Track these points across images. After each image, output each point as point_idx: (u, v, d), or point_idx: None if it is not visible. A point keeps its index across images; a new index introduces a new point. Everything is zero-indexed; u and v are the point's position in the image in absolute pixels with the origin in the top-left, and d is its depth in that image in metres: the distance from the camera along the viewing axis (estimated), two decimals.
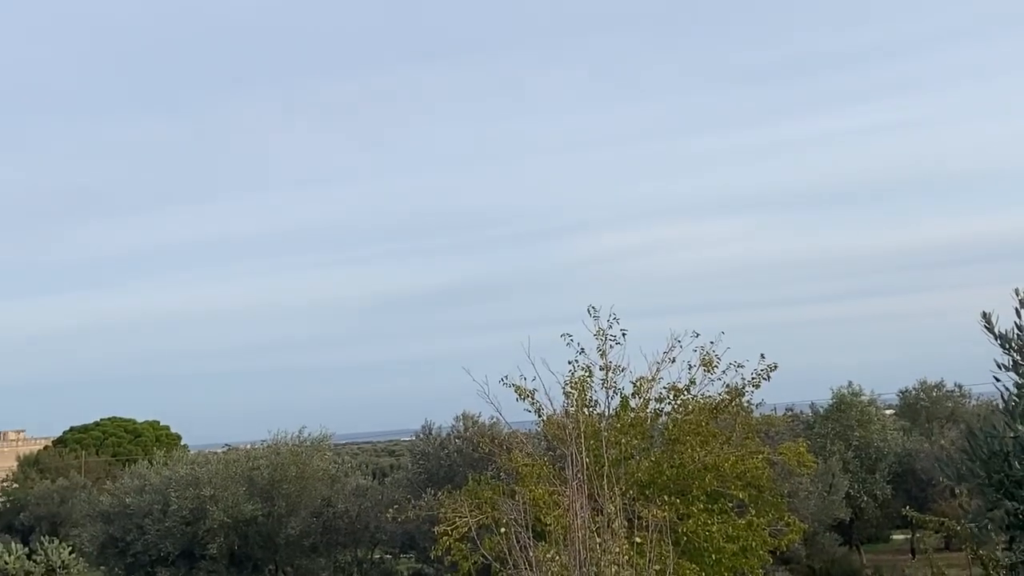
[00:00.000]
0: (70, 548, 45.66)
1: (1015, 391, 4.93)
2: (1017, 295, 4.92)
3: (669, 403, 25.29)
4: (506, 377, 21.77)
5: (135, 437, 64.77)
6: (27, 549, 52.30)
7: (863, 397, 38.61)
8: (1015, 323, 4.87)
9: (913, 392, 42.55)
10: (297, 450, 33.72)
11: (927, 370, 46.86)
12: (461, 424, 32.09)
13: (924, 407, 41.41)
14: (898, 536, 38.61)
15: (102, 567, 34.47)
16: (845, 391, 38.18)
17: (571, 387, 22.62)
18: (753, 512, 23.95)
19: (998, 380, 5.05)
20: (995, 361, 5.02)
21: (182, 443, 58.42)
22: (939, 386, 41.27)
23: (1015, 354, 4.87)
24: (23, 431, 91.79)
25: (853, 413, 37.37)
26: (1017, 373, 4.89)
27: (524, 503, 12.41)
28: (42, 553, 50.78)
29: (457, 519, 21.10)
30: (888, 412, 40.49)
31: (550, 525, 13.80)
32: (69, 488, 52.23)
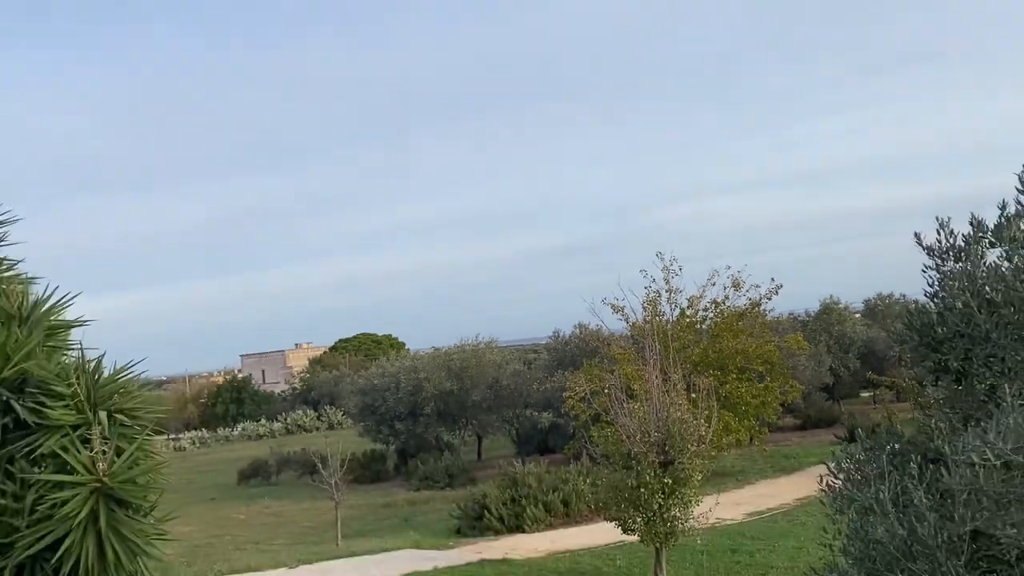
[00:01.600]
0: (342, 412, 55.66)
1: (936, 282, 5.60)
2: (938, 222, 5.48)
3: (711, 312, 32.25)
4: (605, 299, 29.35)
5: (377, 344, 75.71)
6: (316, 413, 64.57)
7: (840, 305, 43.61)
8: (936, 238, 5.49)
9: (873, 300, 47.08)
10: (476, 348, 40.59)
11: (882, 285, 51.16)
12: (578, 329, 38.19)
13: (880, 310, 45.59)
14: (864, 394, 44.08)
15: (361, 423, 41.88)
16: (828, 301, 43.38)
17: (647, 303, 29.54)
18: (768, 379, 30.73)
19: (924, 272, 5.74)
20: (923, 264, 5.70)
21: (406, 347, 68.57)
22: (890, 296, 45.79)
23: (936, 258, 5.56)
24: (311, 342, 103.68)
25: (833, 315, 42.35)
26: (936, 271, 5.59)
27: (619, 376, 17.87)
28: (325, 416, 62.60)
29: (577, 387, 26.74)
30: (856, 315, 45.25)
31: (636, 389, 17.43)
32: (339, 376, 60.68)
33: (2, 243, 8.17)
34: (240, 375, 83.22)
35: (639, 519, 14.72)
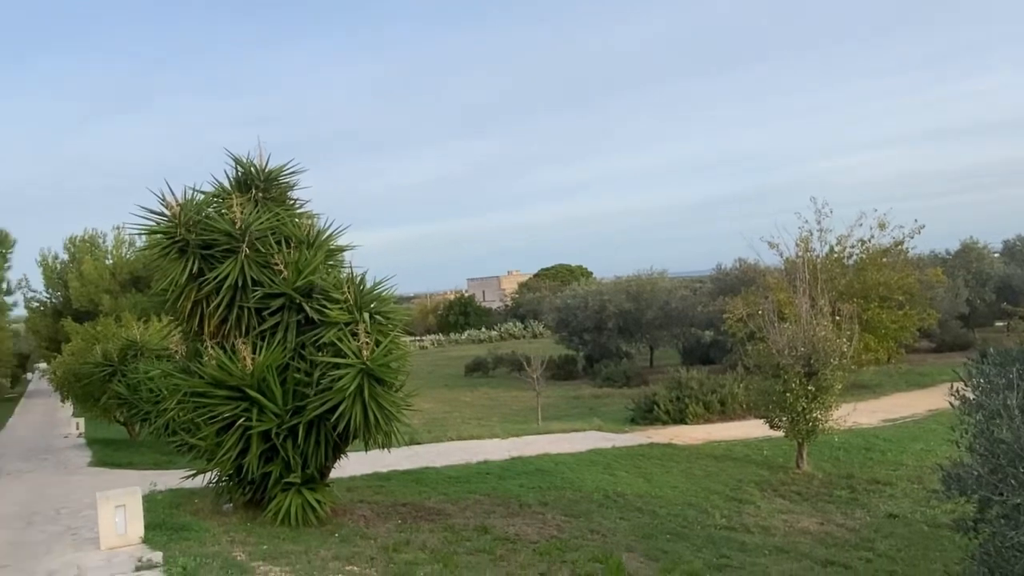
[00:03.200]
0: (542, 324, 57.84)
1: None
2: None
3: (858, 249, 30.96)
4: (762, 238, 29.62)
5: (570, 272, 76.73)
6: (522, 325, 66.85)
7: (979, 244, 39.30)
8: None
9: (1012, 240, 41.73)
10: (651, 277, 40.84)
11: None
12: (738, 263, 37.23)
13: (1019, 249, 40.35)
14: (999, 324, 39.64)
15: (557, 333, 43.22)
16: (968, 241, 39.31)
17: (800, 241, 29.01)
18: (907, 307, 29.32)
19: None
20: None
21: (593, 275, 69.09)
22: None
23: None
24: (519, 270, 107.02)
25: (972, 254, 38.41)
26: None
27: (772, 302, 17.56)
28: (529, 327, 64.76)
29: (735, 310, 26.79)
30: (995, 255, 40.72)
31: (786, 313, 17.20)
32: (541, 297, 61.90)
33: (295, 188, 8.94)
34: (466, 294, 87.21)
35: (784, 418, 14.83)
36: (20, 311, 38.91)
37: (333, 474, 10.82)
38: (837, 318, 16.08)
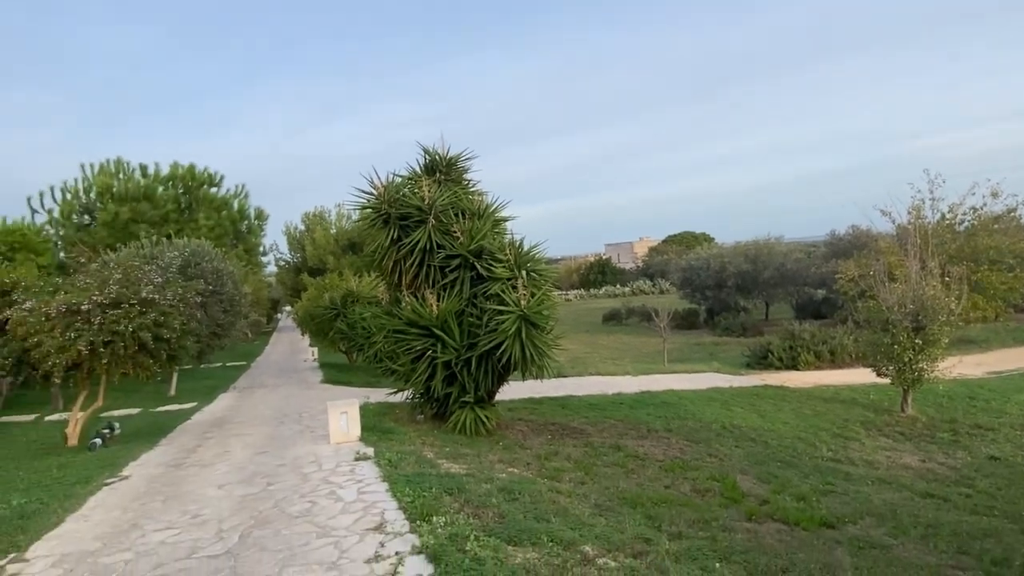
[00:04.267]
0: (668, 282, 56.08)
1: None
2: None
3: (969, 215, 28.22)
4: (875, 206, 27.65)
5: (694, 237, 73.56)
6: (651, 282, 65.18)
7: None
8: None
9: None
10: (767, 242, 38.56)
11: None
12: (851, 229, 34.92)
13: None
14: None
15: (681, 290, 41.71)
16: None
17: (912, 209, 26.89)
18: (1018, 270, 26.55)
19: None
20: None
21: (714, 240, 65.70)
22: None
23: None
24: (649, 236, 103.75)
25: None
26: None
27: (883, 264, 16.23)
28: (657, 284, 62.99)
29: (848, 271, 25.16)
30: None
31: (897, 275, 16.01)
32: (667, 259, 59.48)
33: (468, 171, 9.16)
34: (603, 257, 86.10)
35: (891, 367, 13.77)
36: (271, 268, 42.66)
37: (497, 397, 11.24)
38: (947, 279, 14.73)
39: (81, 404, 10.43)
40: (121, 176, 27.36)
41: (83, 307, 9.30)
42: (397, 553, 4.68)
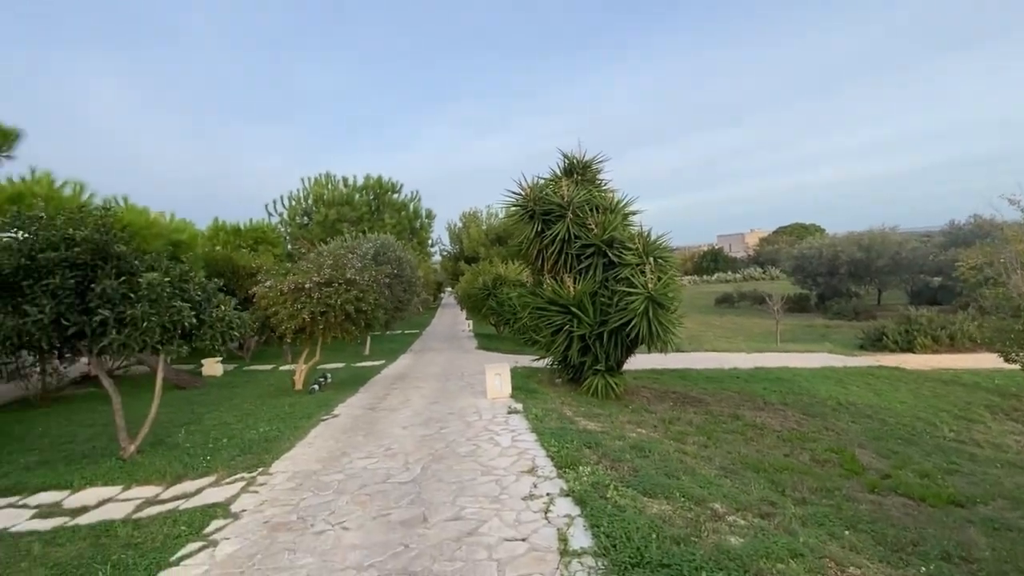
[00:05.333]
0: (778, 269, 50.92)
1: None
2: None
3: None
4: (1002, 195, 23.29)
5: (805, 228, 66.62)
6: (762, 270, 60.11)
7: None
8: None
9: None
10: (882, 231, 34.13)
11: None
12: (973, 219, 30.45)
13: None
14: None
15: (792, 276, 37.67)
16: None
17: None
18: None
19: None
20: None
21: (825, 231, 58.90)
22: None
23: None
24: (760, 227, 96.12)
25: None
26: None
27: (1012, 252, 14.01)
28: (767, 271, 57.82)
29: (970, 260, 21.56)
30: None
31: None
32: (778, 248, 53.69)
33: (601, 172, 8.75)
34: (715, 247, 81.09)
35: (1022, 354, 11.50)
36: (437, 257, 44.75)
37: (624, 367, 10.93)
38: None
39: (304, 358, 11.54)
40: (329, 186, 29.96)
41: (306, 286, 10.24)
42: (548, 494, 4.64)
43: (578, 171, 10.93)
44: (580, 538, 3.83)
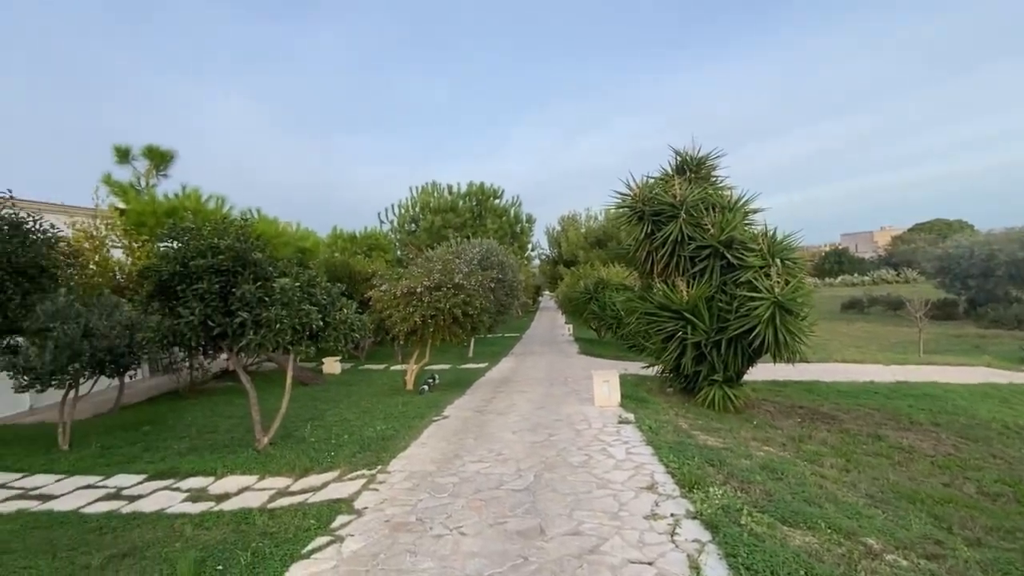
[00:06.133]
0: (916, 271, 45.87)
1: None
2: None
3: None
4: None
5: (948, 226, 58.40)
6: (895, 272, 53.94)
7: None
8: None
9: None
10: None
11: None
12: None
13: None
14: None
15: (935, 279, 33.86)
16: None
17: None
18: None
19: None
20: None
21: (974, 227, 51.44)
22: None
23: None
24: (891, 225, 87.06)
25: None
26: None
27: None
28: (903, 273, 51.80)
29: None
30: None
31: None
32: (916, 247, 48.14)
33: (717, 168, 8.18)
34: (839, 247, 74.22)
35: None
36: (536, 262, 44.94)
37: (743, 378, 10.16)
38: None
39: (415, 359, 11.96)
40: (435, 194, 31.16)
41: (417, 290, 10.60)
42: (672, 515, 4.33)
43: (691, 168, 10.37)
44: (715, 568, 3.50)
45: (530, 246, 35.80)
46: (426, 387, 11.48)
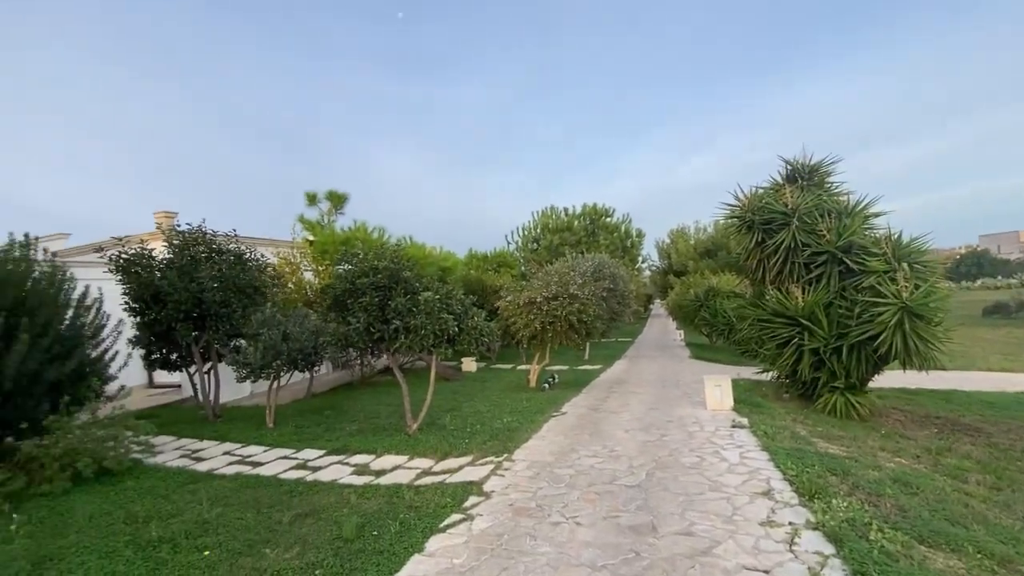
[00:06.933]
0: None
1: None
2: None
3: None
4: None
5: None
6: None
7: None
8: None
9: None
10: None
11: None
12: None
13: None
14: None
15: None
16: None
17: None
18: None
19: None
20: None
21: None
22: None
23: None
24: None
25: None
26: None
27: None
28: None
29: None
30: None
31: None
32: None
33: (831, 175, 7.19)
34: (978, 248, 61.97)
35: None
36: (646, 273, 43.28)
37: (867, 385, 8.75)
38: None
39: (536, 360, 12.01)
40: (553, 216, 31.40)
41: (537, 300, 10.65)
42: (791, 524, 3.79)
43: (802, 176, 9.26)
44: None
45: (640, 258, 34.55)
46: (547, 385, 11.44)
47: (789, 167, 9.40)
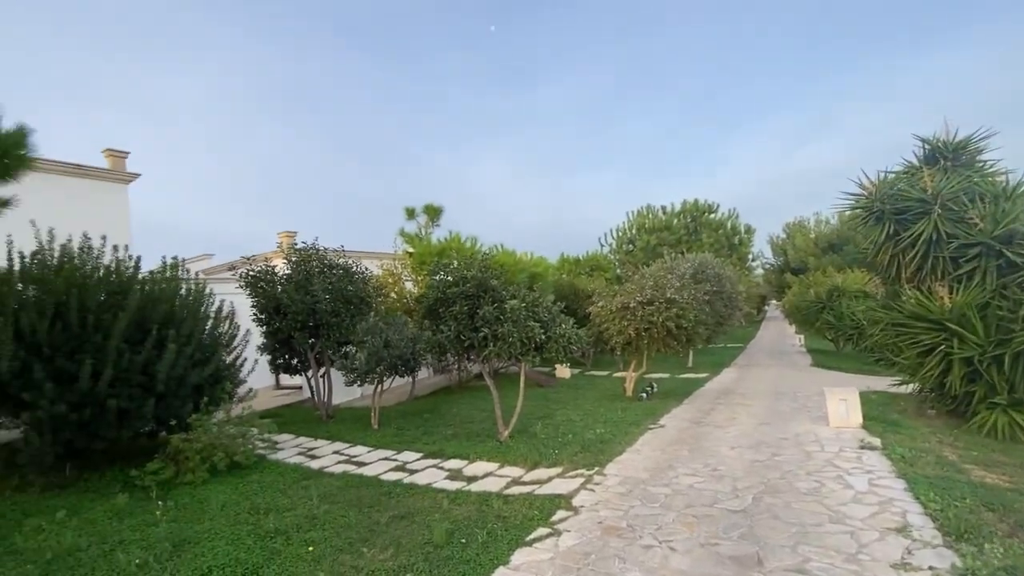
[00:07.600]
0: None
1: None
2: None
3: None
4: None
5: None
6: None
7: None
8: None
9: None
10: None
11: None
12: None
13: None
14: None
15: None
16: None
17: None
18: None
19: None
20: None
21: None
22: None
23: None
24: None
25: None
26: None
27: None
28: None
29: None
30: None
31: None
32: None
33: (982, 151, 6.09)
34: None
35: None
36: (759, 271, 40.08)
37: None
38: None
39: (633, 368, 11.61)
40: (649, 216, 30.27)
41: (630, 304, 10.31)
42: (931, 569, 3.25)
43: (945, 156, 7.97)
44: None
45: (751, 256, 32.04)
46: (644, 395, 11.01)
47: (927, 147, 8.14)
